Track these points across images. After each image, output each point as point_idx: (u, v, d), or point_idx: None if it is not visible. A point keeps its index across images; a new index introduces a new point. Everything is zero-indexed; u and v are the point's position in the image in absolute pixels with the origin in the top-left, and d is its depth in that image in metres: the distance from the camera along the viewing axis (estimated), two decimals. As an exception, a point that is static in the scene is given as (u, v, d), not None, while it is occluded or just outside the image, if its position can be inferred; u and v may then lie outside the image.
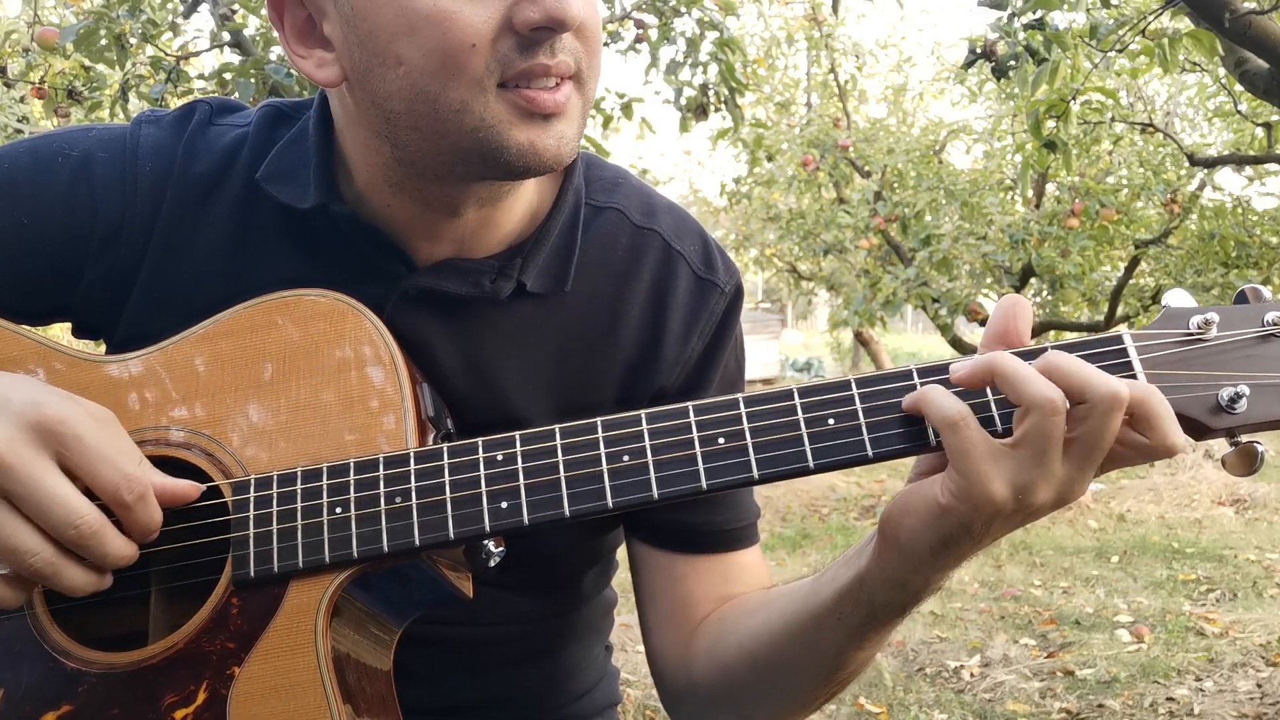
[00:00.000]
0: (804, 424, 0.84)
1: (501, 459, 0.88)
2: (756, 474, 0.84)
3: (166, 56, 3.43)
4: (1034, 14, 3.21)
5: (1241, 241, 6.82)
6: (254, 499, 0.90)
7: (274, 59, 3.17)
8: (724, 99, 4.08)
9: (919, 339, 26.85)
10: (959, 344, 7.81)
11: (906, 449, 0.83)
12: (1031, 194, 7.68)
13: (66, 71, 4.00)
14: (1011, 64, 3.28)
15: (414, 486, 0.88)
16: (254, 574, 0.88)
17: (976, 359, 0.82)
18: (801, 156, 8.47)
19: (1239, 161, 6.15)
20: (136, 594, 0.95)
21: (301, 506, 0.89)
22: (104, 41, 3.17)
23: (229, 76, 3.21)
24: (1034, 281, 7.98)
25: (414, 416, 0.92)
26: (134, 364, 0.97)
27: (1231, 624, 4.91)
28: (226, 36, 3.44)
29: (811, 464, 0.84)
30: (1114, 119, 5.43)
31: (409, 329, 1.01)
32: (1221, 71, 4.56)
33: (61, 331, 1.14)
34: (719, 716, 1.10)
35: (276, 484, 0.90)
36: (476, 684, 1.14)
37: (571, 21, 0.87)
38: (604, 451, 0.87)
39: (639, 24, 4.06)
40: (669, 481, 0.85)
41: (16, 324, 1.00)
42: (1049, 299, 8.36)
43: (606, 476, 0.86)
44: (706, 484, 0.85)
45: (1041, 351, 0.81)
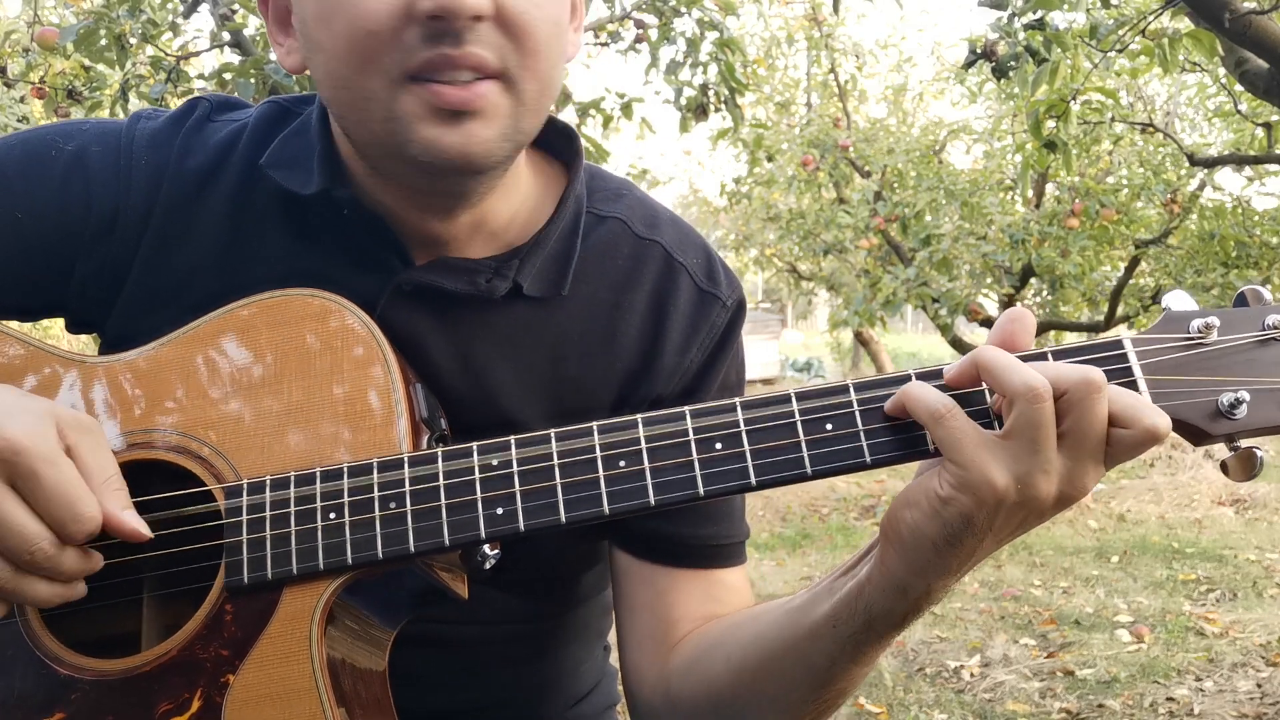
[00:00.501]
0: (802, 430, 0.83)
1: (496, 464, 0.87)
2: (754, 481, 0.83)
3: (166, 56, 3.43)
4: (1034, 14, 3.21)
5: (1241, 241, 6.82)
6: (246, 504, 0.89)
7: (274, 59, 3.17)
8: (724, 99, 4.08)
9: (919, 339, 26.83)
10: (959, 344, 7.80)
11: (905, 455, 0.83)
12: (1031, 194, 7.67)
13: (66, 71, 3.99)
14: (1011, 64, 3.28)
15: (408, 492, 0.87)
16: (247, 580, 0.87)
17: (964, 357, 0.82)
18: (801, 156, 8.46)
19: (1239, 161, 6.14)
20: (128, 599, 0.94)
21: (295, 512, 0.88)
22: (104, 41, 3.16)
23: (229, 76, 3.20)
24: (1034, 281, 7.99)
25: (408, 418, 0.91)
26: (124, 365, 0.96)
27: (1231, 624, 4.91)
28: (226, 36, 3.44)
29: (810, 471, 0.83)
30: (1114, 119, 5.42)
31: (402, 325, 1.00)
32: (1221, 71, 4.56)
33: (52, 325, 1.13)
34: None
35: (269, 488, 0.89)
36: (475, 685, 1.13)
37: (464, 10, 0.84)
38: (600, 457, 0.86)
39: (639, 24, 4.06)
40: (666, 488, 0.84)
41: (8, 322, 1.00)
42: (1049, 299, 8.37)
43: (603, 483, 0.85)
44: (704, 490, 0.84)
45: (1041, 356, 0.81)
